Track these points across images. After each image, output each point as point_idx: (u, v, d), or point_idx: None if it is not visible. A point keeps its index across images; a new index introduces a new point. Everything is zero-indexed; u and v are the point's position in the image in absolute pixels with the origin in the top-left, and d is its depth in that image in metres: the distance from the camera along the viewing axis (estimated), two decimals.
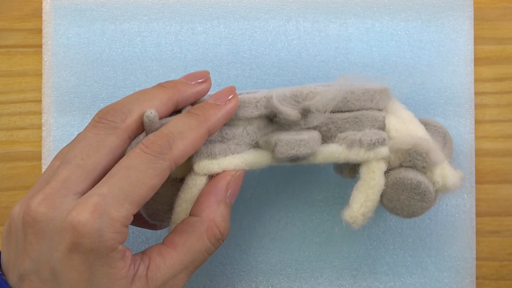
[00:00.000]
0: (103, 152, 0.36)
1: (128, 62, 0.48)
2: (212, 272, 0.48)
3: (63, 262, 0.34)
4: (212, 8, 0.49)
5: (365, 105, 0.40)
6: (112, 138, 0.36)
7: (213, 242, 0.38)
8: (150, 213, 0.40)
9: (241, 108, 0.39)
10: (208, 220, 0.38)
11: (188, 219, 0.38)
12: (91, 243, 0.33)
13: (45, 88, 0.48)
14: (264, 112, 0.40)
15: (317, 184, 0.48)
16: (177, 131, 0.36)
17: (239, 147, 0.40)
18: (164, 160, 0.35)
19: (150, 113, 0.36)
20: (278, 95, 0.39)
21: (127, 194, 0.34)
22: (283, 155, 0.39)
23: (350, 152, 0.39)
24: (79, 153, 0.36)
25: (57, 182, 0.35)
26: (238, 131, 0.40)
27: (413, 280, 0.48)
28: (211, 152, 0.39)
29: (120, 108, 0.37)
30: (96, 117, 0.37)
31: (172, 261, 0.37)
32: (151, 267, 0.36)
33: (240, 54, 0.48)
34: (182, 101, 0.39)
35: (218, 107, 0.39)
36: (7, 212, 0.49)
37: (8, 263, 0.36)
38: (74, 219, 0.33)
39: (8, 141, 0.49)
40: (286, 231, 0.48)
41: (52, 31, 0.48)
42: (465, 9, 0.48)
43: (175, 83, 0.39)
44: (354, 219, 0.39)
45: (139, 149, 0.35)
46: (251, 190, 0.48)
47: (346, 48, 0.48)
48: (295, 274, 0.48)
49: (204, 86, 0.40)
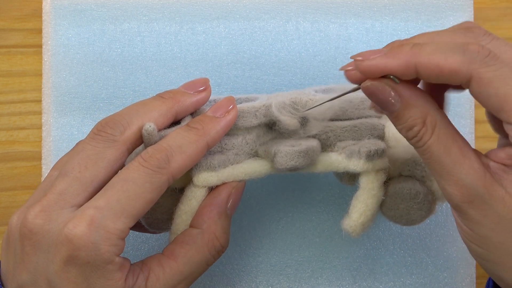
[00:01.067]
0: (101, 165, 0.36)
1: (128, 62, 0.48)
2: (212, 272, 0.48)
3: (60, 275, 0.34)
4: (212, 8, 0.49)
5: (363, 113, 0.40)
6: (110, 151, 0.36)
7: (213, 254, 0.38)
8: (150, 222, 0.40)
9: (240, 118, 0.39)
10: (209, 232, 0.38)
11: (189, 231, 0.38)
12: (87, 256, 0.33)
13: (45, 88, 0.48)
14: (263, 120, 0.40)
15: (317, 184, 0.48)
16: (176, 145, 0.36)
17: (238, 157, 0.40)
18: (162, 174, 0.35)
19: (149, 126, 0.37)
20: (277, 103, 0.39)
21: (124, 207, 0.34)
22: (282, 166, 0.39)
23: (349, 163, 0.39)
24: (77, 165, 0.36)
25: (54, 194, 0.35)
26: (238, 141, 0.40)
27: (413, 280, 0.48)
28: (210, 164, 0.39)
29: (119, 121, 0.37)
30: (94, 129, 0.37)
31: (171, 272, 0.37)
32: (151, 278, 0.36)
33: (240, 54, 0.48)
34: (182, 112, 0.39)
35: (217, 120, 0.38)
36: (7, 212, 0.49)
37: (7, 273, 0.36)
38: (70, 232, 0.33)
39: (8, 141, 0.49)
40: (286, 231, 0.48)
41: (52, 31, 0.48)
42: (465, 9, 0.48)
43: (174, 94, 0.39)
44: (354, 228, 0.39)
45: (138, 162, 0.35)
46: (251, 191, 0.48)
47: (346, 48, 0.48)
48: (295, 274, 0.48)
49: (204, 95, 0.40)
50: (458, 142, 0.33)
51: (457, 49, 0.31)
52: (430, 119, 0.33)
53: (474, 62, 0.30)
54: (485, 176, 0.32)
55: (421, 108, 0.33)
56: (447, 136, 0.33)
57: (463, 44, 0.31)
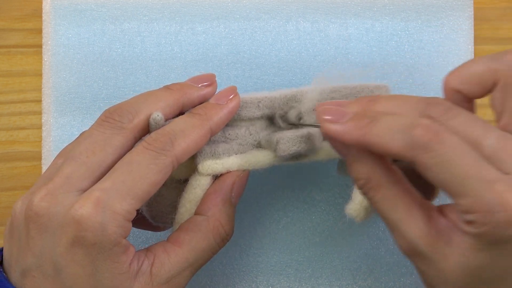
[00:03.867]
0: (109, 150, 0.36)
1: (128, 62, 0.48)
2: (212, 272, 0.48)
3: (66, 257, 0.34)
4: (212, 8, 0.49)
5: None
6: (118, 138, 0.36)
7: (218, 242, 0.38)
8: (154, 215, 0.40)
9: (243, 109, 0.40)
10: (214, 219, 0.38)
11: (194, 218, 0.39)
12: (94, 237, 0.33)
13: (45, 88, 0.48)
14: (266, 112, 0.41)
15: (317, 184, 0.48)
16: (179, 129, 0.37)
17: (242, 147, 0.40)
18: (166, 156, 0.35)
19: (157, 115, 0.37)
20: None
21: (130, 188, 0.34)
22: (285, 152, 0.39)
23: None
24: (84, 150, 0.36)
25: (60, 178, 0.35)
26: (241, 132, 0.40)
27: (413, 280, 0.48)
28: (215, 152, 0.39)
29: (127, 109, 0.37)
30: (102, 116, 0.37)
31: (177, 259, 0.37)
32: (156, 264, 0.36)
33: (240, 54, 0.48)
34: (188, 104, 0.39)
35: (220, 107, 0.39)
36: (7, 212, 0.49)
37: (10, 260, 0.36)
38: (76, 212, 0.33)
39: (8, 141, 0.49)
40: (286, 231, 0.48)
41: (52, 31, 0.48)
42: (465, 9, 0.48)
43: (182, 86, 0.40)
44: (358, 212, 0.39)
45: (142, 146, 0.36)
46: (251, 191, 0.48)
47: (346, 48, 0.48)
48: (295, 274, 0.48)
49: (210, 90, 0.40)
50: (404, 201, 0.34)
51: (404, 132, 0.32)
52: (376, 178, 0.34)
53: (416, 148, 0.31)
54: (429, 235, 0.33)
55: (366, 166, 0.34)
56: (394, 196, 0.34)
57: (410, 126, 0.32)
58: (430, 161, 0.31)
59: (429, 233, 0.33)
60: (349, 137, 0.34)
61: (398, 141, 0.32)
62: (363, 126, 0.33)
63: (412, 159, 0.32)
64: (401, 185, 0.34)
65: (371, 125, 0.33)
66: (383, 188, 0.34)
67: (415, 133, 0.31)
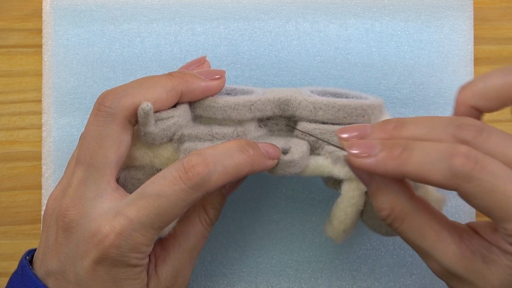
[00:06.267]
0: (107, 145, 0.36)
1: (128, 62, 0.48)
2: (212, 272, 0.48)
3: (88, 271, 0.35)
4: (212, 9, 0.49)
5: (356, 120, 0.40)
6: (112, 127, 0.36)
7: (205, 226, 0.39)
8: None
9: (235, 111, 0.39)
10: (198, 205, 0.39)
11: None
12: (116, 261, 0.35)
13: (45, 88, 0.48)
14: (257, 114, 0.40)
15: (317, 185, 0.48)
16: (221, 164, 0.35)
17: None
18: (199, 191, 0.35)
19: (146, 105, 0.36)
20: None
21: (153, 222, 0.35)
22: (273, 173, 0.39)
23: (334, 168, 0.39)
24: (87, 152, 0.36)
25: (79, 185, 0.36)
26: (229, 132, 0.39)
27: (413, 280, 0.48)
28: None
29: (119, 92, 0.37)
30: (96, 103, 0.37)
31: (175, 252, 0.38)
32: (158, 263, 0.38)
33: (239, 55, 0.48)
34: (188, 92, 0.38)
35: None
36: (7, 212, 0.49)
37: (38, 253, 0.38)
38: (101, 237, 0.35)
39: (8, 141, 0.49)
40: (286, 232, 0.48)
41: (52, 31, 0.48)
42: (465, 9, 0.48)
43: (184, 74, 0.39)
44: (336, 235, 0.40)
45: (177, 173, 0.35)
46: (250, 191, 0.48)
47: (345, 48, 0.48)
48: (295, 274, 0.48)
49: (216, 84, 0.39)
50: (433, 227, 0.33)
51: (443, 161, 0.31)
52: (399, 209, 0.34)
53: (458, 178, 0.31)
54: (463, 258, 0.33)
55: (389, 195, 0.34)
56: (421, 224, 0.34)
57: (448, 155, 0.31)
58: (473, 190, 0.31)
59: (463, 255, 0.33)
60: (383, 168, 0.32)
61: (438, 170, 0.31)
62: (396, 156, 0.32)
63: (454, 188, 0.31)
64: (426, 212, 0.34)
65: (406, 154, 0.32)
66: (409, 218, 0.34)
67: (456, 163, 0.31)
